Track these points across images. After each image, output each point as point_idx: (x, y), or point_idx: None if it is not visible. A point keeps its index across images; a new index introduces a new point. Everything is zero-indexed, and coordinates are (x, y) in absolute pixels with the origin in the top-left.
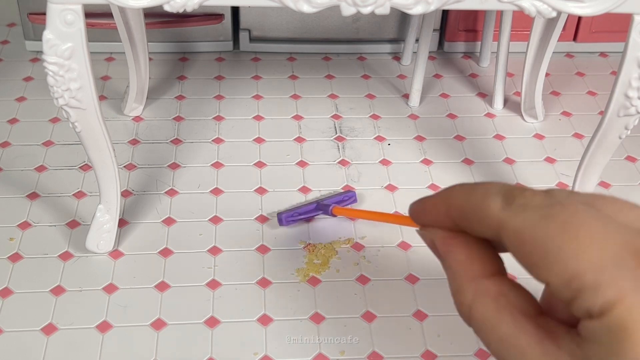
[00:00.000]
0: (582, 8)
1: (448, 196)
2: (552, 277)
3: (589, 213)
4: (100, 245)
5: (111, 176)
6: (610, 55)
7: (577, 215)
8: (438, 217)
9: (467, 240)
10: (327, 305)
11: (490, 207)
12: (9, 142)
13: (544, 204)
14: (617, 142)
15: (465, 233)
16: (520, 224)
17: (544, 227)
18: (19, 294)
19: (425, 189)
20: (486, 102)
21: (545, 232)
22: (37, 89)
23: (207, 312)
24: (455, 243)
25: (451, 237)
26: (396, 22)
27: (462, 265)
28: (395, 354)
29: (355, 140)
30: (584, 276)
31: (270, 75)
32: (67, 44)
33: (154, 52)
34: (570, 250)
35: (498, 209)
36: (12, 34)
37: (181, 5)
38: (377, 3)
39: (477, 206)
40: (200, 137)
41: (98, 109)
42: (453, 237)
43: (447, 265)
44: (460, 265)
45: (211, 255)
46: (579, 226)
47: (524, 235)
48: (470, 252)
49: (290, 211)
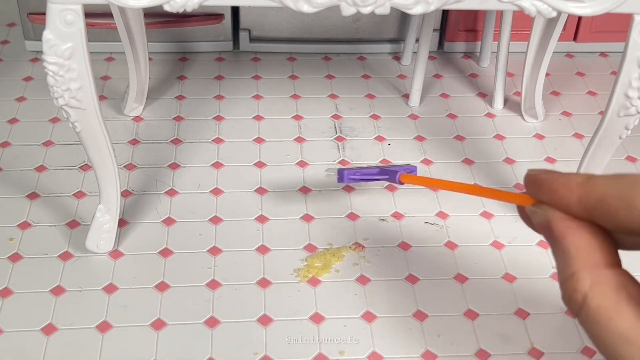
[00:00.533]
0: (582, 8)
1: (587, 185)
2: None
3: None
4: (100, 245)
5: (111, 176)
6: (610, 55)
7: None
8: (566, 200)
9: (591, 227)
10: (327, 305)
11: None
12: (9, 142)
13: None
14: (617, 142)
15: (592, 223)
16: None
17: None
18: (19, 294)
19: (425, 189)
20: (486, 102)
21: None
22: (37, 89)
23: (207, 312)
24: (577, 226)
25: (573, 219)
26: (396, 22)
27: (581, 251)
28: (395, 354)
29: (355, 140)
30: None
31: (270, 75)
32: (67, 44)
33: (154, 52)
34: None
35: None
36: (12, 34)
37: (181, 5)
38: (377, 3)
39: (625, 197)
40: (200, 137)
41: (98, 109)
42: (575, 220)
43: (562, 248)
44: (579, 250)
45: (211, 256)
46: None
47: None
48: (592, 238)
49: (352, 169)
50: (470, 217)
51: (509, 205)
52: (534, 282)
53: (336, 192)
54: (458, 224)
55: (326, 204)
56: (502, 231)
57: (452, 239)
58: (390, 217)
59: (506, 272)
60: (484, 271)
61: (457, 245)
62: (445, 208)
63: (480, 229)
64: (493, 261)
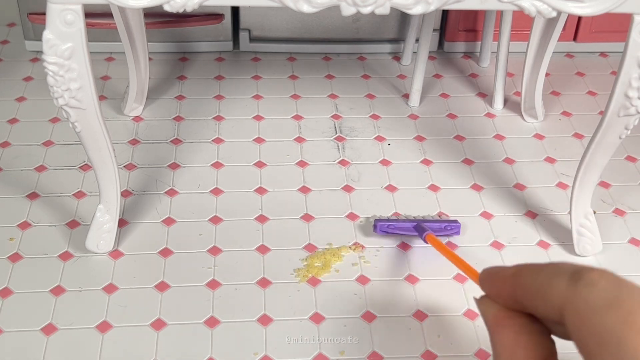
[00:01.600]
0: (582, 8)
1: (517, 274)
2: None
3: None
4: (100, 245)
5: (111, 176)
6: (610, 55)
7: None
8: (503, 292)
9: (521, 325)
10: (327, 305)
11: (556, 286)
12: (8, 142)
13: (611, 288)
14: (617, 142)
15: (523, 316)
16: (583, 305)
17: (606, 314)
18: (19, 294)
19: (425, 189)
20: (486, 102)
21: (607, 320)
22: (37, 89)
23: (207, 312)
24: (506, 324)
25: (505, 317)
26: (396, 22)
27: (506, 350)
28: (395, 354)
29: (355, 140)
30: None
31: (270, 75)
32: (67, 44)
33: (154, 52)
34: (631, 345)
35: (564, 287)
36: (12, 34)
37: (181, 5)
38: (377, 3)
39: (544, 284)
40: (200, 137)
41: (98, 109)
42: (507, 317)
43: (493, 342)
44: (504, 349)
45: (211, 255)
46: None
47: (585, 318)
48: (519, 338)
49: (387, 221)
50: (470, 217)
51: (509, 205)
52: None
53: (336, 192)
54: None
55: (326, 204)
56: (502, 231)
57: (452, 239)
58: (389, 216)
59: None
60: None
61: (457, 246)
62: (445, 208)
63: (480, 229)
64: (493, 261)
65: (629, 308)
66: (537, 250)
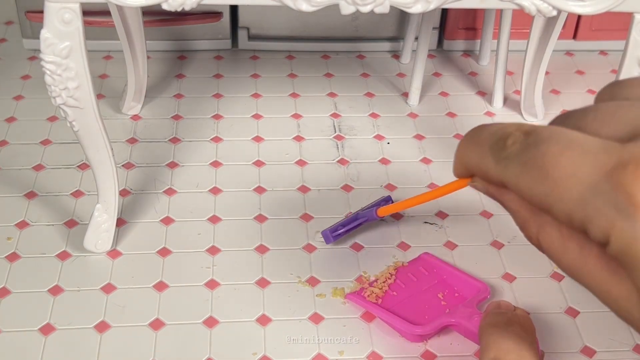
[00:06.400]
0: (582, 7)
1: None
2: (560, 219)
3: (558, 146)
4: (98, 244)
5: (109, 175)
6: (610, 53)
7: (548, 156)
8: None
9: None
10: (327, 305)
11: (487, 168)
12: (6, 141)
13: (521, 151)
14: None
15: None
16: (511, 178)
17: (526, 178)
18: (17, 294)
19: (424, 187)
20: (486, 100)
21: (530, 183)
22: (35, 87)
23: (205, 312)
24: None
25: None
26: (395, 20)
27: (519, 203)
28: (395, 354)
29: (354, 139)
30: (575, 215)
31: (269, 73)
32: (64, 42)
33: (152, 50)
34: (554, 195)
35: (492, 167)
36: (9, 32)
37: (179, 3)
38: (377, 2)
39: (479, 169)
40: (199, 135)
41: (96, 107)
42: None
43: (505, 206)
44: (517, 204)
45: (210, 255)
46: (553, 167)
47: (518, 188)
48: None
49: (333, 226)
50: (469, 216)
51: None
52: (533, 281)
53: (335, 191)
54: (457, 223)
55: (325, 203)
56: (502, 231)
57: (451, 239)
58: (390, 217)
59: (505, 271)
60: (483, 271)
61: (456, 245)
62: (444, 207)
63: (479, 228)
64: (492, 261)
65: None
66: (537, 250)
